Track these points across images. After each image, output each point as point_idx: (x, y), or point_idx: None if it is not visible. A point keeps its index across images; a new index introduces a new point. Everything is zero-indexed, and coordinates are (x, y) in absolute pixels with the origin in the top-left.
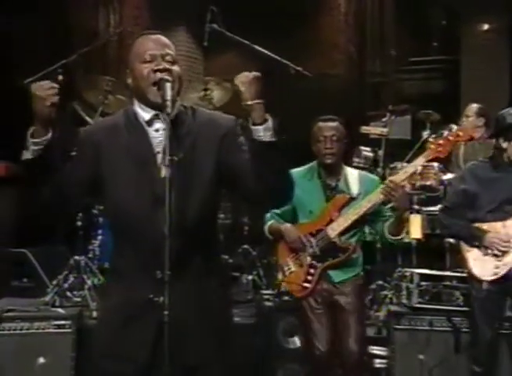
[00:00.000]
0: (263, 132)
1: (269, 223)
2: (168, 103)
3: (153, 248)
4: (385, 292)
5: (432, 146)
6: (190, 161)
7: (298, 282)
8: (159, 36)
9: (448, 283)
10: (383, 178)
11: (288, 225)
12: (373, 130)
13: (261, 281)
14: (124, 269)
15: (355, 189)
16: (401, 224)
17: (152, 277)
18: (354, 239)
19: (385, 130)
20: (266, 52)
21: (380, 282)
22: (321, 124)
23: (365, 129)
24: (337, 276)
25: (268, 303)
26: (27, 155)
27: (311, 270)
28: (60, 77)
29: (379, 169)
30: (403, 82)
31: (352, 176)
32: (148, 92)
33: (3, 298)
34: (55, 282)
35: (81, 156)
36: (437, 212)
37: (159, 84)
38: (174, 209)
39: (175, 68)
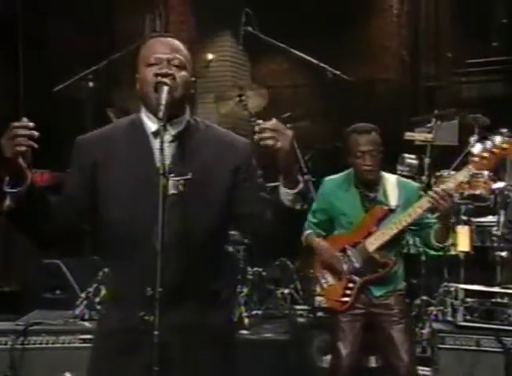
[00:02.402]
0: (294, 197)
1: (306, 233)
2: (161, 108)
3: (148, 269)
4: (431, 308)
5: (476, 159)
6: (199, 183)
7: (337, 296)
8: (169, 39)
9: (498, 299)
10: (428, 186)
11: (322, 242)
12: (418, 136)
13: (298, 295)
14: (119, 291)
15: (393, 200)
16: (448, 230)
17: (148, 297)
18: (393, 252)
19: (430, 136)
20: (303, 55)
21: (425, 297)
22: (357, 136)
23: (409, 135)
24: (377, 289)
25: (301, 319)
26: (6, 203)
27: (350, 284)
28: (91, 84)
29: (424, 177)
30: (460, 86)
31: (391, 185)
32: (150, 98)
33: (34, 311)
34: (83, 295)
35: (76, 170)
36: (486, 223)
37: (156, 88)
38: (175, 230)
39: (183, 74)
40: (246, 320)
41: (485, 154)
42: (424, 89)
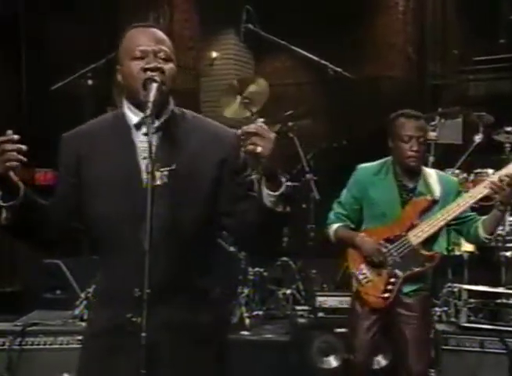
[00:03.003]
0: (276, 199)
1: (335, 227)
2: (149, 105)
3: (136, 267)
4: (435, 309)
5: None
6: (185, 174)
7: (377, 292)
8: (152, 29)
9: (503, 300)
10: None
11: (362, 235)
12: None
13: (300, 296)
14: (107, 290)
15: (436, 191)
16: (499, 221)
17: (135, 297)
18: (436, 246)
19: (434, 134)
20: (304, 52)
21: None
22: (405, 120)
23: None
24: (405, 286)
25: (301, 320)
26: (3, 216)
27: (392, 279)
28: (90, 82)
29: None
30: (468, 84)
31: (431, 178)
32: (138, 93)
33: (34, 311)
34: (83, 295)
35: (62, 167)
36: None
37: (144, 84)
38: (161, 223)
39: (170, 66)
40: (247, 321)
41: None
42: (430, 87)
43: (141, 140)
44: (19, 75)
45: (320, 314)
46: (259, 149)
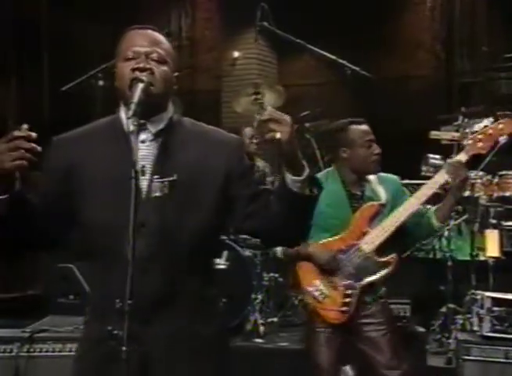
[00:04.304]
0: (302, 183)
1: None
2: (132, 106)
3: (134, 280)
4: (459, 317)
5: (470, 142)
6: (186, 184)
7: (336, 307)
8: (149, 31)
9: None
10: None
11: (310, 247)
12: (444, 135)
13: None
14: (101, 303)
15: (382, 194)
16: (451, 208)
17: (136, 313)
18: (392, 251)
19: (457, 134)
20: (320, 51)
21: (452, 305)
22: (358, 127)
23: (434, 134)
24: (366, 296)
25: None
26: None
27: (349, 291)
28: (101, 83)
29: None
30: (497, 81)
31: (374, 181)
32: (125, 94)
33: (48, 317)
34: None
35: (48, 171)
36: None
37: (131, 84)
38: (160, 236)
39: (163, 68)
40: (261, 328)
41: (480, 136)
42: (459, 86)
43: (139, 148)
44: (41, 76)
45: None
46: (278, 135)
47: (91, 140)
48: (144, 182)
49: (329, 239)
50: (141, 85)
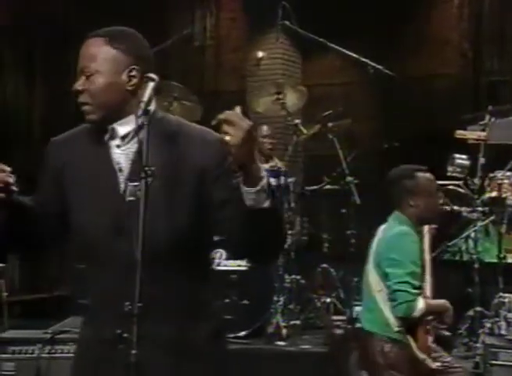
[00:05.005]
0: (256, 195)
1: (422, 303)
2: (142, 105)
3: (118, 279)
4: (486, 320)
5: None
6: (162, 186)
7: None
8: (88, 41)
9: None
10: (480, 189)
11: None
12: (470, 134)
13: (341, 305)
14: (93, 303)
15: None
16: None
17: (119, 312)
18: None
19: (484, 134)
20: (343, 50)
21: (479, 308)
22: (425, 175)
23: (460, 134)
24: None
25: (338, 331)
26: None
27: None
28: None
29: (476, 180)
30: None
31: None
32: None
33: (70, 317)
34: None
35: (44, 172)
36: None
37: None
38: (138, 239)
39: (97, 80)
40: (283, 331)
41: None
42: (487, 85)
43: (115, 152)
44: (66, 75)
45: (358, 325)
46: (227, 138)
47: (81, 141)
48: (121, 186)
49: None
50: (151, 84)
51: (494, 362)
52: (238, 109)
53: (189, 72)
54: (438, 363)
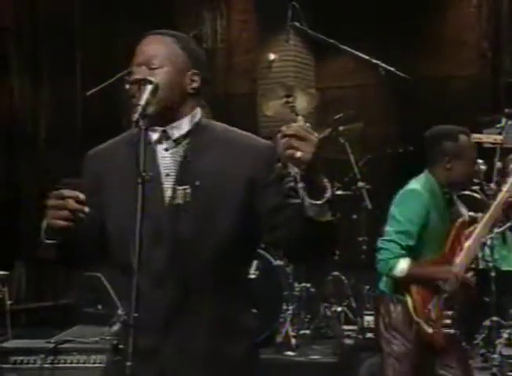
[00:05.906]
0: (319, 208)
1: (408, 263)
2: (139, 109)
3: (150, 288)
4: (503, 331)
5: None
6: (209, 192)
7: (441, 329)
8: (150, 38)
9: None
10: (496, 195)
11: (429, 262)
12: (486, 138)
13: (352, 314)
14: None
15: (464, 210)
16: None
17: (151, 327)
18: None
19: (500, 137)
20: (354, 51)
21: (496, 318)
22: (467, 139)
23: (476, 138)
24: None
25: (348, 341)
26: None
27: (450, 313)
28: (127, 87)
29: (492, 184)
30: None
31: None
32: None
33: (76, 326)
34: (120, 311)
35: (85, 186)
36: None
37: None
38: (182, 246)
39: (164, 71)
40: (292, 340)
41: None
42: (506, 86)
43: (163, 156)
44: (75, 78)
45: (369, 335)
46: (298, 154)
47: (120, 152)
48: (168, 191)
49: (433, 258)
50: (149, 87)
51: (511, 373)
52: (301, 120)
53: None
54: (436, 330)
